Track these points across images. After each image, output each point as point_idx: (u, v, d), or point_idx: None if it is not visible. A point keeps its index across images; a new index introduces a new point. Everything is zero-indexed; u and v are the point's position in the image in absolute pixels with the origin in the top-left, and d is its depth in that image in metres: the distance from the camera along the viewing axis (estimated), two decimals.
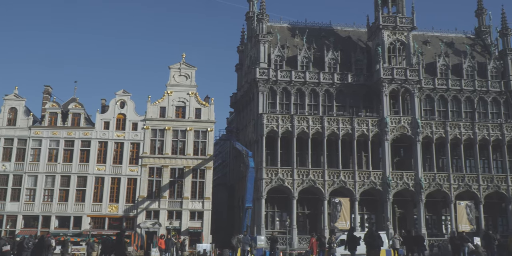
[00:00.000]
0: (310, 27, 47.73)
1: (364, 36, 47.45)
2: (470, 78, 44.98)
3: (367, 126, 41.26)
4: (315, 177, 39.64)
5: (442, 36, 49.59)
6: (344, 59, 44.56)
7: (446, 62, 45.36)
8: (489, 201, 41.30)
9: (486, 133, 42.42)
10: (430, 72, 45.07)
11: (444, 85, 44.27)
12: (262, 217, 38.44)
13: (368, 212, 41.52)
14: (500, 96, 44.69)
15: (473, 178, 41.26)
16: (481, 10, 50.71)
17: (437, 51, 46.63)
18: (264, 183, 39.02)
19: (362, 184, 39.91)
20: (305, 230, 39.13)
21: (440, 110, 44.09)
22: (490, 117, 44.12)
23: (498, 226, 41.50)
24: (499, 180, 41.50)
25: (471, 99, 44.44)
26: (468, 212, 40.07)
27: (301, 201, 40.03)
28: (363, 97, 43.68)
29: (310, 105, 42.96)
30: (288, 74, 42.85)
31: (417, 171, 40.58)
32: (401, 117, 42.02)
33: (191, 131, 41.23)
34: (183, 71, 42.91)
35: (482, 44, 49.36)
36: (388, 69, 42.38)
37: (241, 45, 51.45)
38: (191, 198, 39.85)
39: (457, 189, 40.73)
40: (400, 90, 42.53)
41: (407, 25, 43.87)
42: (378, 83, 42.42)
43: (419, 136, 41.30)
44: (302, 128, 40.60)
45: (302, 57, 43.95)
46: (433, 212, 41.77)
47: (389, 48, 43.67)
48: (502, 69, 45.76)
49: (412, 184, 40.28)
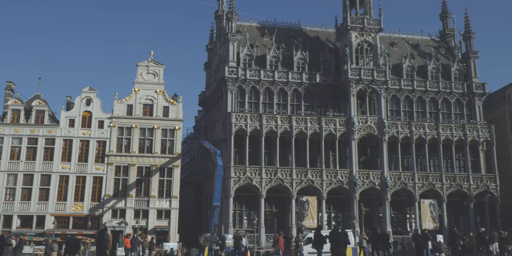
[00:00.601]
0: (279, 26, 47.94)
1: (332, 37, 47.97)
2: (434, 79, 45.99)
3: (335, 125, 41.68)
4: (283, 176, 39.83)
5: (408, 38, 50.57)
6: (313, 59, 44.93)
7: (412, 64, 46.26)
8: (452, 199, 42.34)
9: (449, 133, 43.43)
10: (397, 73, 45.89)
11: (409, 86, 45.15)
12: (230, 216, 38.38)
13: (335, 210, 42.00)
14: (463, 97, 45.83)
15: (437, 177, 42.22)
16: (446, 13, 51.91)
17: (403, 52, 47.52)
18: (232, 181, 38.96)
19: (329, 183, 40.31)
20: (273, 228, 39.23)
21: (406, 111, 44.94)
22: (453, 118, 45.22)
23: (460, 224, 42.48)
24: (461, 179, 42.58)
25: (436, 100, 45.44)
26: (432, 210, 41.00)
27: (269, 199, 40.15)
28: (331, 97, 44.14)
29: (279, 104, 43.14)
30: (257, 73, 42.92)
31: (383, 170, 41.26)
32: (368, 117, 42.61)
33: (158, 129, 40.84)
34: (151, 68, 42.46)
35: (447, 46, 50.56)
36: (356, 70, 42.93)
37: (210, 44, 51.29)
38: (158, 197, 39.48)
39: (421, 188, 41.59)
40: (367, 90, 43.14)
41: (374, 26, 44.54)
42: (345, 83, 42.92)
43: (385, 136, 41.98)
44: (271, 127, 40.71)
45: (271, 57, 44.10)
46: (398, 210, 42.55)
47: (356, 49, 44.25)
48: (465, 72, 46.96)
49: (378, 183, 40.93)
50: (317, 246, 19.75)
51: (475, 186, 42.36)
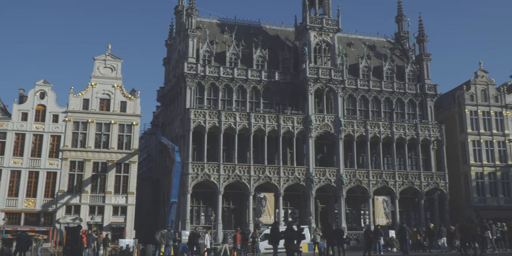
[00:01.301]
0: (240, 24, 48.11)
1: (291, 36, 48.52)
2: (389, 80, 47.26)
3: (293, 123, 42.20)
4: (241, 173, 40.03)
5: (365, 39, 51.78)
6: (272, 57, 45.31)
7: (368, 64, 47.39)
8: (404, 196, 43.67)
9: (402, 132, 44.74)
10: (353, 73, 46.90)
11: (365, 86, 46.23)
12: (187, 212, 38.26)
13: (292, 207, 42.54)
14: (416, 98, 47.31)
15: (390, 175, 43.46)
16: (401, 16, 53.44)
17: (360, 53, 48.59)
18: (190, 178, 38.85)
19: (286, 180, 40.81)
20: (230, 224, 39.41)
21: (362, 110, 46.00)
22: (406, 118, 46.62)
23: (411, 219, 44.02)
24: (413, 176, 43.98)
25: (390, 100, 46.72)
26: (385, 206, 42.20)
27: (227, 196, 40.27)
28: (289, 95, 44.65)
29: (238, 101, 43.31)
30: (216, 70, 42.92)
31: (339, 168, 42.11)
32: (325, 115, 43.34)
33: (115, 124, 40.23)
34: (108, 63, 41.75)
35: (401, 48, 52.07)
36: (314, 69, 43.59)
37: (169, 39, 50.87)
38: (115, 192, 38.90)
39: (375, 185, 42.70)
40: (325, 89, 43.88)
41: (332, 27, 45.34)
42: (304, 82, 43.52)
43: (342, 134, 42.84)
44: (229, 124, 40.82)
45: (231, 54, 44.21)
46: (353, 206, 43.56)
47: (315, 48, 44.93)
48: (418, 73, 48.48)
49: (334, 180, 41.74)
50: (273, 242, 20.05)
51: (426, 183, 43.85)
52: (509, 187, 46.85)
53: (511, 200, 46.40)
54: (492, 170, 46.77)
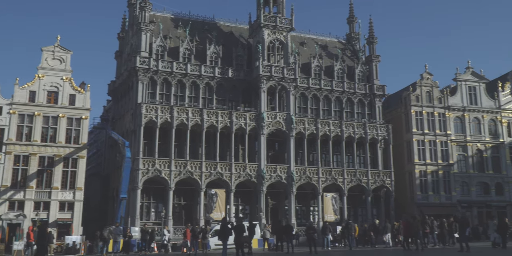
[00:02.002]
0: (194, 19, 47.81)
1: (245, 33, 48.69)
2: (340, 80, 48.26)
3: (245, 120, 42.39)
4: (192, 169, 39.84)
5: (318, 39, 52.65)
6: (226, 54, 45.31)
7: (320, 64, 48.22)
8: (352, 193, 44.77)
9: (351, 131, 45.82)
10: (305, 72, 47.60)
11: (317, 85, 47.02)
12: (137, 208, 37.73)
13: (243, 203, 42.77)
14: (365, 98, 48.54)
15: (339, 172, 44.42)
16: (352, 18, 54.64)
17: (312, 52, 49.38)
18: (140, 173, 38.31)
19: (238, 176, 40.96)
20: (181, 221, 39.16)
21: (313, 108, 46.77)
22: (355, 117, 47.77)
23: (358, 216, 45.25)
24: (361, 174, 45.16)
25: (340, 99, 47.73)
26: (334, 203, 43.14)
27: (178, 192, 39.99)
28: (242, 92, 44.81)
29: (191, 97, 43.07)
30: (169, 65, 42.50)
31: (290, 165, 42.66)
32: (277, 113, 43.78)
33: (63, 118, 39.09)
34: (57, 54, 40.50)
35: (352, 49, 53.28)
36: (267, 67, 43.92)
37: (121, 32, 49.87)
38: (62, 188, 37.80)
39: (324, 182, 43.55)
40: (277, 87, 44.31)
41: (286, 25, 45.81)
42: (257, 79, 43.78)
43: (293, 132, 43.41)
44: (182, 119, 40.54)
45: (184, 49, 43.88)
46: (303, 203, 44.26)
47: (268, 46, 45.25)
48: (368, 74, 49.76)
49: (284, 176, 42.26)
50: (222, 238, 20.14)
51: (373, 181, 45.15)
52: (450, 185, 48.93)
53: (451, 198, 48.50)
54: (435, 169, 48.72)
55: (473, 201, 49.07)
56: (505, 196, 50.24)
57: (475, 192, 49.66)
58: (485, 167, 50.62)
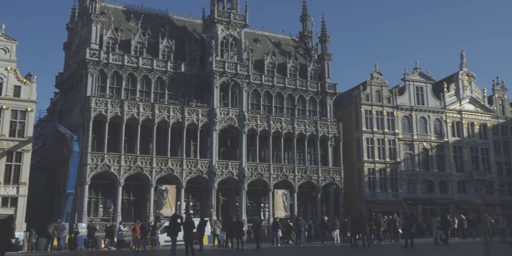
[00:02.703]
0: (146, 12, 46.96)
1: (199, 28, 48.26)
2: (293, 77, 48.61)
3: (197, 116, 42.04)
4: (142, 164, 39.18)
5: (271, 36, 52.83)
6: (179, 48, 44.75)
7: (273, 61, 48.40)
8: (302, 190, 45.23)
9: (303, 128, 46.29)
10: (258, 69, 47.66)
11: (270, 82, 47.18)
12: (84, 204, 36.74)
13: (194, 199, 42.43)
14: (317, 95, 49.11)
15: (290, 169, 44.79)
16: (306, 16, 55.17)
17: (265, 49, 49.50)
18: (88, 168, 37.33)
19: (189, 172, 40.60)
20: (130, 217, 38.44)
21: (265, 105, 46.93)
22: (307, 114, 48.25)
23: (308, 212, 45.82)
24: (312, 171, 45.69)
25: (293, 96, 48.09)
26: (284, 200, 43.48)
27: (127, 187, 39.21)
28: (195, 87, 44.39)
29: (142, 91, 42.30)
30: (120, 58, 41.58)
31: (242, 161, 42.64)
32: (229, 109, 43.65)
33: (7, 110, 37.52)
34: (1, 43, 38.82)
35: (305, 47, 53.78)
36: (220, 62, 43.69)
37: (71, 23, 48.32)
38: (4, 183, 36.26)
39: (276, 178, 43.81)
40: (230, 83, 44.17)
41: (240, 22, 45.70)
42: (210, 75, 43.48)
43: (245, 128, 43.41)
44: (132, 114, 39.76)
45: (136, 42, 43.04)
46: (254, 199, 44.35)
47: (222, 42, 45.01)
48: (320, 72, 50.36)
49: (236, 173, 42.21)
50: (171, 234, 19.92)
51: (323, 178, 45.78)
52: (397, 183, 50.28)
53: (398, 195, 49.87)
54: (383, 167, 49.96)
55: (418, 198, 50.67)
56: (448, 194, 52.15)
57: (420, 189, 51.30)
58: (430, 166, 52.34)
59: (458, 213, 45.60)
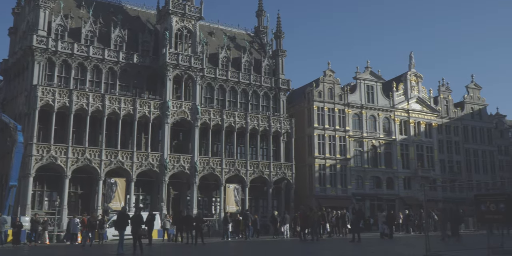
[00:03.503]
0: (99, 0, 45.35)
1: (153, 19, 47.26)
2: (247, 72, 48.45)
3: (149, 108, 41.14)
4: (91, 156, 37.97)
5: (226, 30, 52.45)
6: (131, 39, 43.62)
7: (228, 55, 48.07)
8: (254, 184, 45.17)
9: (256, 123, 46.24)
10: (213, 62, 47.21)
11: (224, 76, 46.84)
12: (28, 197, 35.21)
13: (144, 193, 41.54)
14: (270, 91, 49.18)
15: (242, 164, 44.66)
16: (261, 11, 55.12)
17: (220, 43, 49.08)
18: (33, 160, 35.80)
19: (140, 165, 39.70)
20: (77, 210, 37.15)
21: (219, 99, 46.54)
22: (261, 110, 48.22)
23: (259, 207, 45.90)
24: (263, 166, 45.73)
25: (247, 91, 47.95)
26: (236, 194, 43.34)
27: (75, 180, 37.89)
28: (147, 79, 43.42)
29: (92, 81, 40.96)
30: (70, 46, 40.09)
31: (194, 155, 42.11)
32: (182, 102, 42.98)
33: None
34: None
35: (260, 42, 53.73)
36: (174, 55, 42.94)
37: (17, 7, 46.02)
38: None
39: (228, 173, 43.56)
40: (184, 76, 43.51)
41: (195, 14, 45.03)
42: (163, 67, 42.65)
43: (198, 122, 42.88)
44: (81, 104, 38.44)
45: (87, 31, 41.64)
46: (205, 193, 43.93)
47: (176, 34, 44.23)
48: (274, 67, 50.45)
49: (188, 167, 41.66)
50: (119, 228, 19.45)
51: (275, 173, 45.92)
52: (346, 179, 51.17)
53: (347, 190, 50.77)
54: (333, 163, 50.68)
55: (366, 194, 51.79)
56: (395, 190, 53.60)
57: (368, 185, 52.43)
58: (378, 162, 53.59)
59: (403, 208, 47.01)
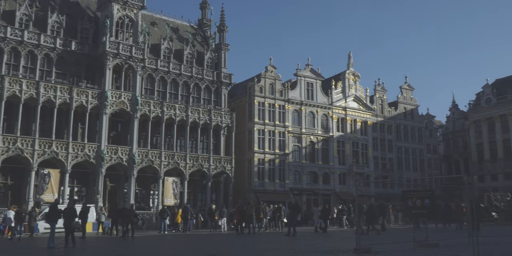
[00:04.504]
0: None
1: (93, 5, 45.88)
2: (189, 64, 48.02)
3: (87, 97, 39.94)
4: (23, 146, 36.43)
5: (169, 21, 51.70)
6: (70, 25, 42.17)
7: (170, 46, 47.42)
8: (193, 178, 44.98)
9: (197, 116, 45.95)
10: (155, 53, 46.44)
11: (165, 67, 46.20)
12: None
13: (79, 184, 40.37)
14: (212, 84, 49.02)
15: (182, 157, 44.30)
16: (205, 3, 54.73)
17: (163, 34, 48.33)
18: None
19: (75, 156, 38.51)
20: (6, 202, 35.57)
21: (160, 91, 45.88)
22: (202, 103, 47.98)
23: (198, 200, 45.77)
24: (203, 160, 45.59)
25: (188, 84, 47.54)
26: (174, 187, 42.95)
27: (4, 170, 36.30)
28: (85, 67, 42.11)
29: (26, 67, 39.28)
30: (2, 29, 38.24)
31: (132, 147, 41.35)
32: (122, 92, 42.03)
33: None
34: None
35: (203, 35, 53.36)
36: (115, 43, 41.89)
37: None
38: None
39: (166, 166, 43.09)
40: (124, 65, 42.55)
41: (137, 3, 44.06)
42: (103, 55, 41.52)
43: (138, 113, 42.09)
44: (14, 91, 36.78)
45: (22, 14, 39.87)
46: (143, 186, 43.27)
47: (117, 22, 43.16)
48: (217, 61, 50.29)
49: (126, 159, 40.84)
50: (51, 220, 18.91)
51: (214, 166, 45.90)
52: (284, 174, 51.94)
53: (284, 185, 51.56)
54: (272, 158, 51.29)
55: (303, 188, 52.81)
56: (331, 185, 54.97)
57: (306, 180, 53.48)
58: (316, 158, 54.75)
59: (338, 203, 48.33)
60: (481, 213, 32.19)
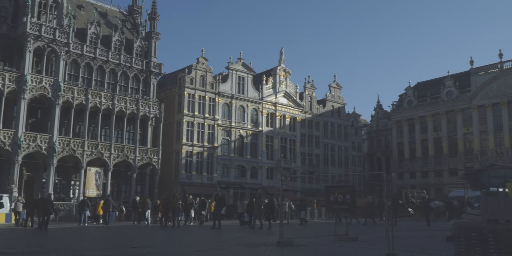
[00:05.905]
0: None
1: None
2: (117, 51, 46.25)
3: (4, 80, 37.41)
4: None
5: (97, 5, 49.54)
6: None
7: (97, 32, 45.45)
8: (118, 169, 43.37)
9: (124, 106, 44.36)
10: (80, 38, 44.31)
11: (92, 53, 44.22)
12: None
13: None
14: (141, 74, 47.52)
15: (106, 147, 42.62)
16: None
17: (90, 18, 46.23)
18: None
19: None
20: None
21: (85, 77, 43.86)
22: (129, 92, 46.37)
23: (122, 192, 44.29)
24: (129, 150, 44.13)
25: (116, 71, 45.79)
26: (97, 178, 41.28)
27: None
28: (3, 48, 39.41)
29: None
30: None
31: (53, 135, 39.20)
32: (43, 77, 39.70)
33: None
34: None
35: (133, 22, 51.61)
36: (36, 25, 39.49)
37: None
38: None
39: (89, 155, 41.27)
40: (46, 49, 40.22)
41: None
42: (23, 37, 39.03)
43: (60, 100, 39.96)
44: None
45: None
46: (63, 176, 41.22)
47: (40, 2, 40.73)
48: (146, 50, 48.82)
49: (45, 147, 38.67)
50: None
51: (140, 158, 44.55)
52: (212, 167, 51.46)
53: (212, 178, 51.10)
54: (201, 150, 50.62)
55: (231, 182, 52.59)
56: (258, 179, 55.14)
57: (233, 174, 53.30)
58: (244, 152, 54.70)
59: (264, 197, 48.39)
60: (398, 209, 33.48)
